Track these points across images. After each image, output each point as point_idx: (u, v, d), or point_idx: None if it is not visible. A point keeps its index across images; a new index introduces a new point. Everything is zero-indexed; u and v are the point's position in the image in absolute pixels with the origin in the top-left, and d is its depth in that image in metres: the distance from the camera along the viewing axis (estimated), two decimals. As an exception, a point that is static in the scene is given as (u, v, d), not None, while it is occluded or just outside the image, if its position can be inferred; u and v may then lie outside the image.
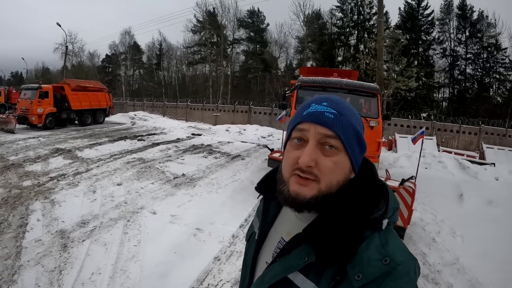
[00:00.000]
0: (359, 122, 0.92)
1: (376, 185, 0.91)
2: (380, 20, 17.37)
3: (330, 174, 0.85)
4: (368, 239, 0.80)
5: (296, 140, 0.89)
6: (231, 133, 20.76)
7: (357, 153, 0.90)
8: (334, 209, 0.85)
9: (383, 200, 0.87)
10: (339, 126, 0.86)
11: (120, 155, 10.43)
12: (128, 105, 31.79)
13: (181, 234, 5.04)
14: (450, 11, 37.88)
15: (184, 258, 4.34)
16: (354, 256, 0.78)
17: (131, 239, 4.68)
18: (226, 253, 4.66)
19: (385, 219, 0.84)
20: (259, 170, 9.83)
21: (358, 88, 7.96)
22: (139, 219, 5.43)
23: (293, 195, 0.86)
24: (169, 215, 5.75)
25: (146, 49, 49.86)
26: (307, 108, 0.91)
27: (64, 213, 5.39)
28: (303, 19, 38.95)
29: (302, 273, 0.84)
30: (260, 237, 1.05)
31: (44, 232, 4.65)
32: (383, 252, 0.78)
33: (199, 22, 42.86)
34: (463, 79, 37.85)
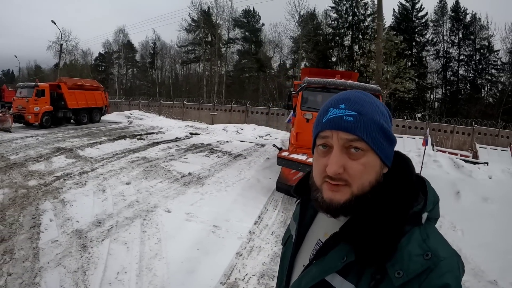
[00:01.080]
0: (383, 115, 0.87)
1: (413, 179, 0.88)
2: (379, 23, 17.56)
3: (361, 177, 0.82)
4: (408, 234, 0.77)
5: (321, 147, 0.87)
6: (229, 132, 20.74)
7: (386, 148, 0.86)
8: (371, 207, 0.82)
9: (421, 194, 0.84)
10: (361, 128, 0.82)
11: (123, 154, 10.26)
12: (123, 104, 31.39)
13: (200, 231, 4.98)
14: (444, 13, 38.40)
15: (207, 254, 4.29)
16: (394, 253, 0.75)
17: (151, 238, 4.57)
18: (247, 248, 4.66)
19: (424, 213, 0.80)
20: (263, 169, 9.89)
21: (361, 89, 8.01)
22: (155, 218, 5.32)
23: (327, 201, 0.84)
24: (184, 213, 5.67)
25: (139, 47, 49.47)
26: (325, 114, 0.87)
27: (76, 212, 5.23)
28: (298, 19, 38.99)
29: (340, 274, 0.81)
30: (297, 240, 1.02)
31: (60, 233, 4.50)
32: (424, 246, 0.74)
33: (194, 21, 42.63)
34: (456, 80, 38.45)
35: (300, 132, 8.04)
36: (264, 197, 7.24)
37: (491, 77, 37.02)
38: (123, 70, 49.68)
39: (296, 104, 8.78)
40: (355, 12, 40.13)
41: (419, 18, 39.06)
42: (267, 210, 6.48)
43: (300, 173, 7.23)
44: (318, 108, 8.02)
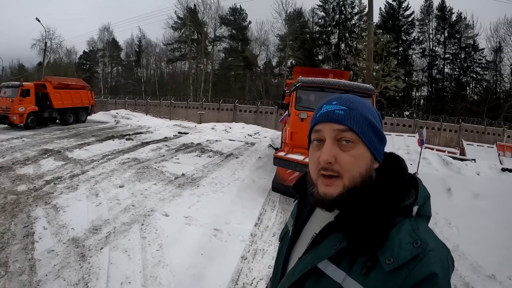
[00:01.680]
0: (372, 113, 0.95)
1: (405, 176, 0.95)
2: (370, 22, 17.71)
3: (351, 168, 0.89)
4: (399, 225, 0.82)
5: (316, 142, 0.94)
6: (217, 131, 20.72)
7: (376, 142, 0.93)
8: (364, 198, 0.87)
9: (413, 190, 0.90)
10: (351, 120, 0.90)
11: (113, 155, 10.01)
12: (109, 103, 30.81)
13: (201, 236, 4.84)
14: (430, 12, 39.18)
15: (212, 259, 4.16)
16: (385, 241, 0.80)
17: (151, 244, 4.40)
18: (250, 251, 4.57)
19: (415, 206, 0.85)
20: (257, 169, 9.82)
21: (355, 89, 8.26)
22: (153, 222, 5.14)
23: (322, 195, 0.90)
24: (183, 216, 5.51)
25: (124, 45, 48.71)
26: (319, 110, 0.96)
27: (71, 219, 5.00)
28: (285, 17, 39.03)
29: (334, 262, 0.85)
30: (294, 235, 1.07)
31: (55, 242, 4.26)
32: (414, 236, 0.79)
33: (180, 18, 42.18)
34: (441, 78, 39.29)
35: (295, 132, 7.97)
36: (261, 198, 7.15)
37: (476, 75, 38.13)
38: (108, 68, 48.81)
39: (290, 104, 8.75)
40: (342, 10, 40.51)
41: (405, 17, 39.77)
42: (265, 211, 6.40)
43: (296, 173, 7.16)
44: (312, 108, 8.01)
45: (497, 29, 36.35)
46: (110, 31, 46.64)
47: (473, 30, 37.64)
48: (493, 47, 36.63)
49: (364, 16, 39.00)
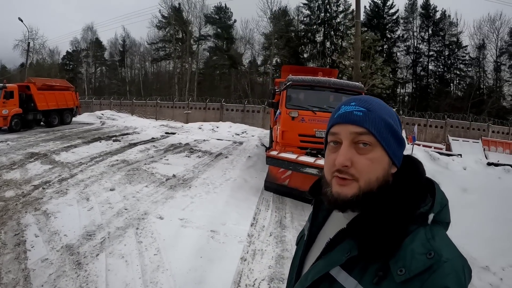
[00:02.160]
0: (391, 116, 0.92)
1: (422, 181, 0.91)
2: (358, 20, 17.94)
3: (368, 172, 0.86)
4: (413, 233, 0.79)
5: (332, 144, 0.92)
6: (205, 131, 20.55)
7: (394, 146, 0.90)
8: (378, 204, 0.85)
9: (429, 196, 0.86)
10: (369, 122, 0.87)
11: (101, 157, 9.80)
12: (94, 104, 30.25)
13: (198, 238, 4.77)
14: (414, 10, 40.08)
15: (212, 261, 4.11)
16: (398, 250, 0.77)
17: (148, 248, 4.30)
18: (249, 252, 4.55)
19: (431, 213, 0.82)
20: (247, 168, 9.79)
21: (345, 87, 8.38)
22: (148, 226, 5.04)
23: (335, 195, 0.88)
24: (177, 219, 5.43)
25: (108, 45, 47.98)
26: (337, 111, 0.93)
27: (63, 225, 4.85)
28: (270, 15, 39.12)
29: (346, 270, 0.83)
30: (309, 239, 1.06)
31: (48, 250, 4.11)
32: (428, 246, 0.75)
33: (164, 17, 41.87)
34: (426, 75, 40.10)
35: (286, 130, 7.97)
36: (254, 197, 7.13)
37: (460, 72, 39.26)
38: (92, 68, 47.98)
39: (280, 102, 8.74)
40: (327, 8, 40.86)
41: (390, 15, 40.56)
42: (260, 210, 6.38)
43: (289, 172, 7.14)
44: (303, 106, 8.02)
45: (480, 26, 37.56)
46: (94, 31, 45.98)
47: (456, 28, 38.83)
48: (477, 44, 37.72)
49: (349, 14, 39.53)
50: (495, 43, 37.05)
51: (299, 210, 6.61)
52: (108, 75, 48.06)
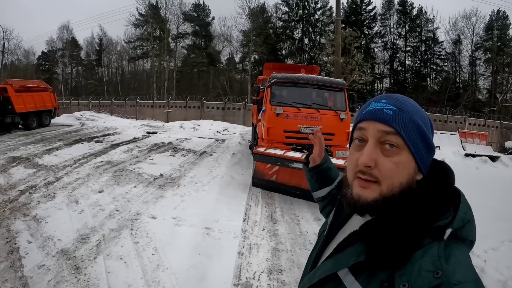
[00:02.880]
0: (423, 119, 0.86)
1: (448, 191, 0.83)
2: (338, 18, 18.11)
3: (392, 176, 0.81)
4: (425, 247, 0.73)
5: (357, 141, 0.88)
6: (186, 129, 20.50)
7: (423, 151, 0.84)
8: (395, 211, 0.80)
9: (452, 209, 0.79)
10: (399, 122, 0.82)
11: (85, 159, 9.64)
12: (72, 105, 29.55)
13: (194, 235, 4.83)
14: (391, 6, 40.90)
15: (211, 258, 4.17)
16: (406, 263, 0.72)
17: (145, 249, 4.31)
18: (245, 247, 4.64)
19: (448, 228, 0.75)
20: (233, 165, 9.91)
21: (328, 83, 8.61)
22: (142, 226, 5.04)
23: (355, 198, 0.84)
24: (171, 218, 5.45)
25: (84, 44, 46.77)
26: (366, 107, 0.89)
27: (55, 230, 4.78)
28: (248, 12, 39.06)
29: (353, 274, 0.81)
30: (329, 235, 1.03)
31: (44, 255, 4.05)
32: (437, 264, 0.69)
33: (142, 15, 41.15)
34: (403, 70, 41.09)
35: (271, 127, 8.07)
36: (243, 193, 7.24)
37: (436, 67, 40.65)
38: (68, 69, 46.70)
39: (264, 99, 8.84)
40: (305, 5, 41.10)
41: (367, 12, 41.36)
42: (250, 206, 6.47)
43: (276, 168, 7.25)
44: (287, 103, 8.16)
45: (456, 22, 38.87)
46: (70, 30, 44.63)
47: (433, 24, 40.29)
48: (453, 40, 39.04)
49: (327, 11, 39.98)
50: (471, 38, 38.71)
51: (288, 204, 6.74)
52: (85, 75, 46.92)
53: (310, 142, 7.67)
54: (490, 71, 38.25)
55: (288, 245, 4.81)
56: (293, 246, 4.77)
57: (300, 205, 6.71)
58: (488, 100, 37.32)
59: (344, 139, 8.30)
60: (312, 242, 4.93)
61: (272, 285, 3.70)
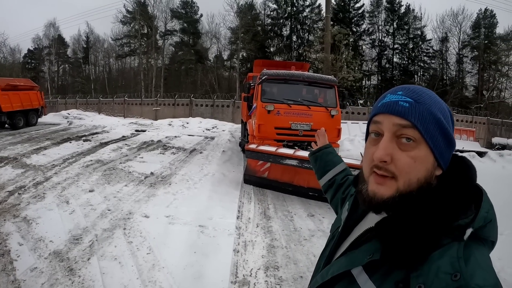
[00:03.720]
0: (443, 111, 0.81)
1: (469, 189, 0.79)
2: (328, 15, 18.25)
3: (409, 171, 0.77)
4: (444, 248, 0.70)
5: (373, 135, 0.85)
6: (175, 127, 20.55)
7: (442, 145, 0.80)
8: (413, 208, 0.77)
9: (473, 207, 0.75)
10: (415, 115, 0.78)
11: (73, 158, 9.52)
12: (59, 103, 29.02)
13: (188, 234, 4.79)
14: (380, 4, 41.32)
15: (207, 256, 4.15)
16: (423, 264, 0.69)
17: (140, 248, 4.26)
18: (240, 244, 4.64)
19: (469, 228, 0.71)
20: (224, 163, 9.93)
21: (318, 80, 8.69)
22: (135, 226, 4.99)
23: (370, 195, 0.81)
24: (164, 216, 5.40)
25: (71, 42, 45.74)
26: (382, 100, 0.85)
27: (46, 231, 4.68)
28: (236, 10, 38.94)
29: (367, 272, 0.78)
30: (343, 231, 1.00)
31: (36, 258, 3.95)
32: (456, 266, 0.66)
33: (129, 12, 40.51)
34: (391, 68, 41.53)
35: (262, 124, 8.10)
36: (235, 191, 7.22)
37: (424, 64, 41.29)
38: (55, 67, 45.79)
39: (254, 96, 8.84)
40: (294, 3, 41.09)
41: (355, 9, 41.70)
42: (243, 203, 6.47)
43: (268, 164, 7.25)
44: (278, 100, 8.18)
45: (443, 20, 39.49)
46: (56, 27, 43.51)
47: (421, 22, 40.96)
48: (440, 38, 39.72)
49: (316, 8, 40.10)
50: (458, 36, 39.30)
51: (281, 201, 6.75)
52: (72, 73, 46.05)
53: (301, 139, 7.72)
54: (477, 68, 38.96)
55: (283, 241, 4.81)
56: (288, 242, 4.77)
57: (293, 201, 6.72)
58: (475, 97, 37.98)
59: (335, 136, 8.36)
60: (307, 238, 4.96)
61: (270, 281, 3.69)
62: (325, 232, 5.17)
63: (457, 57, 39.89)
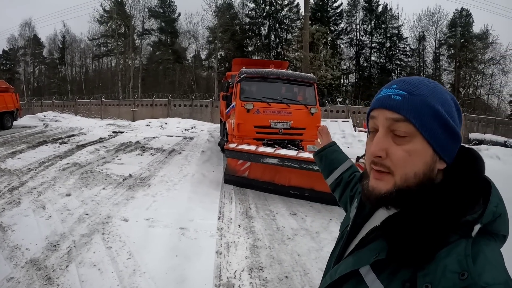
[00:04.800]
0: (443, 102, 0.78)
1: (477, 182, 0.76)
2: (306, 14, 18.29)
3: (404, 166, 0.76)
4: (451, 245, 0.68)
5: (372, 131, 0.85)
6: (153, 128, 20.40)
7: (441, 137, 0.77)
8: (418, 204, 0.75)
9: (481, 202, 0.72)
10: (408, 108, 0.76)
11: (50, 162, 9.26)
12: (35, 105, 28.29)
13: (169, 236, 4.72)
14: (357, 4, 41.78)
15: (189, 259, 4.09)
16: (430, 262, 0.68)
17: (120, 253, 4.17)
18: (223, 245, 4.59)
19: (477, 224, 0.68)
20: (203, 163, 9.87)
21: (298, 78, 8.68)
22: (114, 230, 4.88)
23: (370, 189, 0.82)
24: (143, 219, 5.31)
25: (47, 42, 44.62)
26: (378, 94, 0.84)
27: (22, 238, 4.52)
28: (215, 9, 38.82)
29: (375, 271, 0.77)
30: (352, 229, 0.98)
31: (12, 267, 3.80)
32: (463, 264, 0.64)
33: (106, 11, 39.78)
34: (368, 66, 42.28)
35: (241, 123, 8.08)
36: (216, 191, 7.17)
37: (401, 62, 42.24)
38: (30, 68, 44.53)
39: (233, 95, 8.81)
40: (272, 1, 41.26)
41: (333, 9, 42.24)
42: (224, 204, 6.43)
43: (248, 163, 7.24)
44: (257, 98, 8.16)
45: (420, 19, 40.64)
46: (32, 27, 42.52)
47: (398, 21, 41.94)
48: (417, 36, 40.81)
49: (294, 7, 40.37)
50: (434, 35, 40.54)
51: (262, 200, 6.74)
52: (48, 74, 44.91)
53: (281, 137, 7.73)
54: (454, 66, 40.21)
55: (266, 241, 4.80)
56: (271, 242, 4.76)
57: (275, 200, 6.72)
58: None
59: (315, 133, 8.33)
60: (290, 237, 4.97)
61: (254, 283, 3.68)
62: (308, 231, 5.18)
63: (434, 55, 41.14)
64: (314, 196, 6.68)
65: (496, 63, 38.20)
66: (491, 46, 38.09)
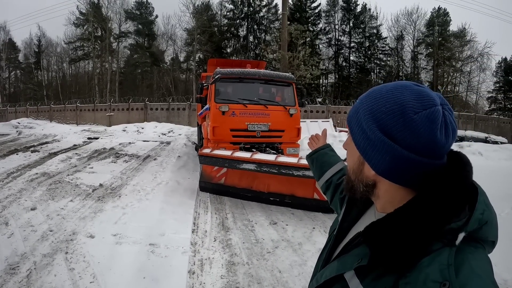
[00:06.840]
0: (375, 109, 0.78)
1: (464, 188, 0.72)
2: (284, 13, 18.40)
3: (348, 160, 0.90)
4: (434, 254, 0.66)
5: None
6: (129, 133, 20.13)
7: (362, 144, 0.81)
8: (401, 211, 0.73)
9: (467, 208, 0.69)
10: (350, 115, 0.86)
11: (18, 172, 8.83)
12: (9, 112, 27.51)
13: (137, 255, 4.39)
14: (336, 4, 42.34)
15: (157, 281, 3.78)
16: (411, 271, 0.66)
17: (82, 276, 3.84)
18: (196, 263, 4.27)
19: (462, 232, 0.67)
20: (178, 169, 9.60)
21: (275, 78, 8.38)
22: (78, 248, 4.54)
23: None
24: (110, 235, 4.97)
25: (22, 46, 43.63)
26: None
27: (-21, 260, 4.18)
28: (192, 10, 38.50)
29: (358, 277, 0.77)
30: (339, 233, 1.00)
31: None
32: (445, 273, 0.62)
33: (82, 14, 38.98)
34: (347, 66, 42.86)
35: (216, 126, 7.80)
36: (190, 200, 6.88)
37: (380, 62, 43.00)
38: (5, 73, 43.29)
39: (208, 97, 8.51)
40: (251, 3, 41.30)
41: (312, 9, 42.70)
42: (199, 214, 6.14)
43: (224, 170, 7.00)
44: (233, 100, 7.90)
45: (398, 19, 41.38)
46: (7, 31, 41.51)
47: (376, 21, 42.75)
48: (395, 36, 41.54)
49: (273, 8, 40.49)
50: (413, 34, 41.56)
51: (240, 208, 6.50)
52: (23, 79, 43.90)
53: (259, 140, 7.52)
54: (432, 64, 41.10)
55: (244, 256, 4.51)
56: (249, 257, 4.48)
57: (253, 208, 6.48)
58: (430, 92, 40.32)
59: (295, 135, 8.21)
60: (270, 250, 4.70)
61: (229, 307, 3.41)
62: (289, 242, 4.94)
63: (412, 54, 42.02)
64: (295, 203, 6.46)
65: (474, 60, 39.22)
66: (469, 44, 39.09)
